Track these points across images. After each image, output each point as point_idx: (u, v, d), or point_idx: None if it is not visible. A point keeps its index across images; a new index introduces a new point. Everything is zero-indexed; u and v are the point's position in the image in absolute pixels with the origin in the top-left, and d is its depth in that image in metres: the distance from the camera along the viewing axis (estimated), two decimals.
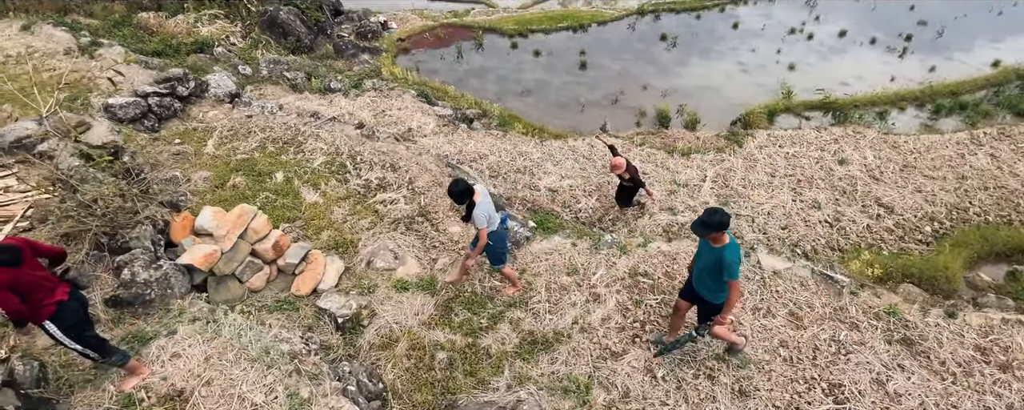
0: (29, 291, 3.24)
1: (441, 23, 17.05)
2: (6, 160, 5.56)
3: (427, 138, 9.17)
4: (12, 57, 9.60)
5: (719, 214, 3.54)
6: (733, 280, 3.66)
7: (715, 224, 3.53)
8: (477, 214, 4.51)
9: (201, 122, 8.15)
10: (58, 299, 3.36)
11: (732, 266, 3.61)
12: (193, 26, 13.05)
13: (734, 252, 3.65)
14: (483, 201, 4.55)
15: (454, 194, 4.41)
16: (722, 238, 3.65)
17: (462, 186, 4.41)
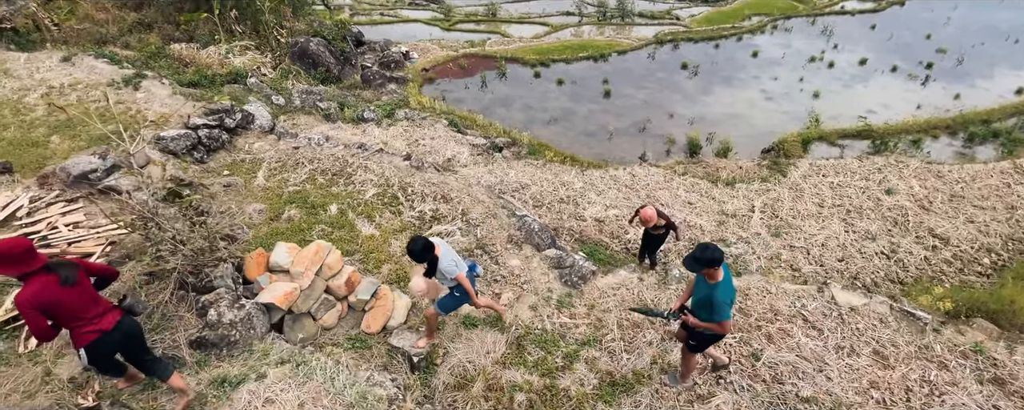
0: (71, 314, 3.19)
1: (463, 53, 17.37)
2: (71, 194, 5.55)
3: (467, 168, 9.21)
4: (55, 88, 9.74)
5: (711, 251, 3.48)
6: (723, 321, 3.62)
7: (706, 260, 3.48)
8: (444, 265, 4.26)
9: (248, 153, 8.19)
10: (101, 328, 3.31)
11: (723, 307, 3.57)
12: (225, 57, 13.28)
13: (727, 292, 3.60)
14: (445, 252, 4.33)
15: (415, 253, 4.06)
16: (716, 274, 3.60)
17: (421, 244, 4.07)
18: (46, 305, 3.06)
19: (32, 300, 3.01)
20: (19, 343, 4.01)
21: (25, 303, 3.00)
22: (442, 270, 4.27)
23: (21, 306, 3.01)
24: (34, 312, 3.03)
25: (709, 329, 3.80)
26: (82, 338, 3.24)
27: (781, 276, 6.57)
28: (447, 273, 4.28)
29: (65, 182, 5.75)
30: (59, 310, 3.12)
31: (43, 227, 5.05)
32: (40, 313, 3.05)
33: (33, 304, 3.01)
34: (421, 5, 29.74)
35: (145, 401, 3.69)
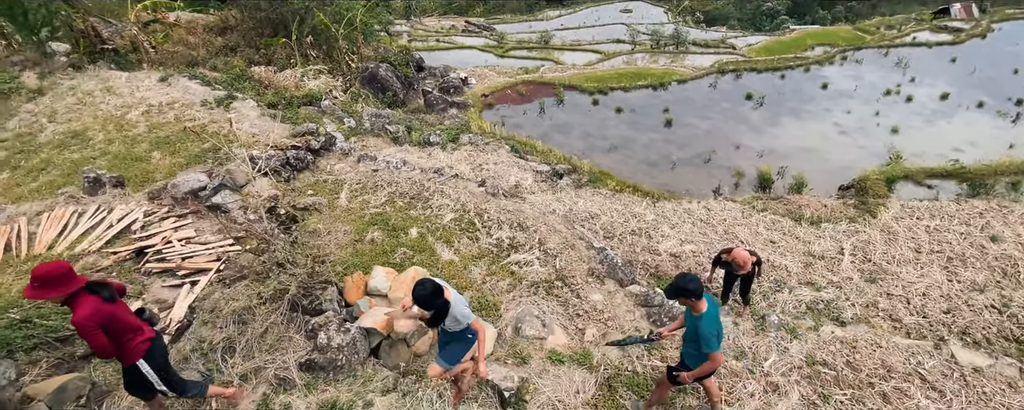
0: (123, 327, 3.26)
1: (521, 79, 17.69)
2: (180, 210, 5.88)
3: (535, 195, 9.22)
4: (155, 106, 10.48)
5: (691, 282, 3.51)
6: (712, 352, 3.61)
7: (682, 290, 3.50)
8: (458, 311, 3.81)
9: (330, 174, 8.50)
10: (148, 336, 3.40)
11: (709, 338, 3.57)
12: (301, 80, 14.00)
13: (711, 323, 3.59)
14: (455, 297, 3.89)
15: (423, 299, 3.58)
16: (699, 306, 3.61)
17: (432, 287, 3.62)
18: (104, 321, 3.14)
19: (93, 317, 3.08)
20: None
21: (86, 320, 3.06)
22: (456, 316, 3.79)
23: (83, 324, 3.05)
24: (96, 329, 3.09)
25: (707, 371, 3.78)
26: (137, 349, 3.31)
27: (881, 327, 6.17)
28: (463, 319, 3.84)
29: (175, 198, 6.10)
30: (114, 325, 3.20)
31: (158, 241, 5.35)
32: (100, 330, 3.12)
33: (94, 321, 3.08)
34: (474, 32, 30.69)
35: None
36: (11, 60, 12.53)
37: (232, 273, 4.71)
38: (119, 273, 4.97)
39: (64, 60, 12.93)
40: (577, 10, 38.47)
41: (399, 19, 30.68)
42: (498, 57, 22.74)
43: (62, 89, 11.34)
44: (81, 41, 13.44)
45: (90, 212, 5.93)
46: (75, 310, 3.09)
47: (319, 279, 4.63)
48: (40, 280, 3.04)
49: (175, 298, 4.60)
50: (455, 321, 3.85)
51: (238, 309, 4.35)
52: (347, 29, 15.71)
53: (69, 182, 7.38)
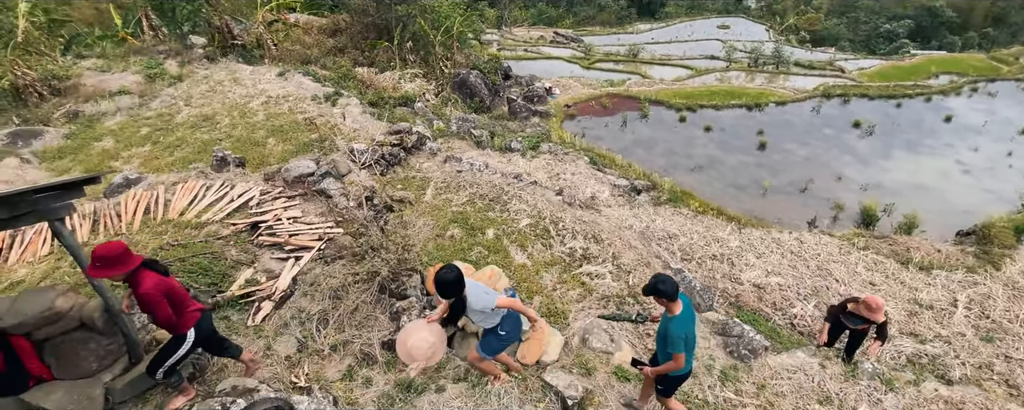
0: (181, 299, 3.43)
1: (606, 92, 17.61)
2: (290, 192, 6.52)
3: (611, 209, 9.14)
4: (272, 98, 11.69)
5: (664, 283, 3.54)
6: (675, 353, 3.65)
7: (654, 290, 3.56)
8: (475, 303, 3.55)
9: (418, 172, 9.02)
10: (199, 307, 3.56)
11: (675, 340, 3.63)
12: (398, 82, 14.95)
13: (679, 326, 3.64)
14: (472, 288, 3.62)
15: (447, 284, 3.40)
16: (673, 308, 3.66)
17: (457, 274, 3.43)
18: (166, 292, 3.32)
19: (157, 287, 3.26)
20: (248, 317, 4.73)
21: (153, 291, 3.23)
22: (477, 310, 3.58)
23: (151, 295, 3.21)
24: (162, 299, 3.27)
25: (668, 370, 3.81)
26: (190, 318, 3.49)
27: (995, 392, 5.43)
28: (485, 308, 3.57)
29: (286, 181, 6.78)
30: (173, 296, 3.38)
31: (270, 217, 5.99)
32: (165, 300, 3.30)
33: (159, 291, 3.26)
34: (562, 43, 30.97)
35: (345, 390, 4.10)
36: (158, 49, 14.58)
37: (332, 253, 5.17)
38: (236, 243, 5.63)
39: (201, 52, 14.83)
40: (670, 24, 37.60)
41: (490, 28, 31.71)
42: (584, 69, 22.79)
43: (197, 77, 12.99)
44: (216, 36, 15.31)
45: (215, 186, 6.76)
46: (139, 284, 3.26)
47: (406, 267, 4.96)
48: (101, 260, 3.16)
49: (281, 270, 5.14)
50: (480, 314, 3.66)
51: (334, 286, 4.77)
52: (444, 36, 16.55)
53: (199, 159, 8.46)
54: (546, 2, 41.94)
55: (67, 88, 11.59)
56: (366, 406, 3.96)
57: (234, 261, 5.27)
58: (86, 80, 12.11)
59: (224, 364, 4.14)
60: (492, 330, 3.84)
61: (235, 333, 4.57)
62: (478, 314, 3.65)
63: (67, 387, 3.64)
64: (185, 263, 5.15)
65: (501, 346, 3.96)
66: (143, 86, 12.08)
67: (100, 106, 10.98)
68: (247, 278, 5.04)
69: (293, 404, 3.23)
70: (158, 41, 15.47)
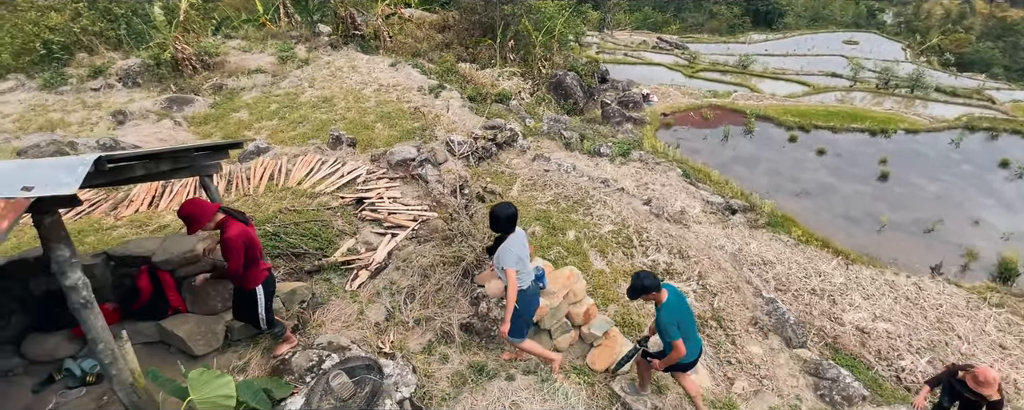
0: (255, 257, 3.53)
1: (708, 103, 16.76)
2: (392, 174, 6.99)
3: (701, 226, 8.72)
4: (383, 86, 12.56)
5: (642, 278, 3.65)
6: (673, 341, 3.69)
7: (641, 288, 3.67)
8: (504, 250, 3.63)
9: (507, 167, 9.24)
10: (268, 267, 3.66)
11: (668, 328, 3.67)
12: (496, 79, 15.36)
13: (669, 313, 3.71)
14: (518, 240, 3.74)
15: (500, 218, 3.63)
16: (659, 298, 3.75)
17: (512, 211, 3.71)
18: (247, 242, 3.47)
19: (241, 236, 3.42)
20: (347, 282, 5.17)
21: (237, 238, 3.40)
22: (500, 255, 3.69)
23: (234, 242, 3.39)
24: (242, 249, 3.43)
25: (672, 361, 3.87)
26: (259, 275, 3.63)
27: None
28: (501, 261, 3.67)
29: (389, 163, 7.28)
30: (252, 250, 3.53)
31: (374, 195, 6.48)
32: (244, 251, 3.46)
33: (242, 240, 3.42)
34: (665, 49, 29.89)
35: (424, 362, 4.35)
36: (290, 35, 16.24)
37: (424, 233, 5.49)
38: (342, 214, 6.17)
39: (326, 39, 16.28)
40: (787, 36, 34.82)
41: (591, 31, 31.44)
42: (686, 77, 21.87)
43: (321, 62, 14.28)
44: (340, 26, 16.71)
45: (329, 162, 7.43)
46: (226, 230, 3.46)
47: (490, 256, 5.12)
48: (186, 219, 3.36)
49: (379, 244, 5.55)
50: (497, 259, 3.74)
51: (424, 264, 5.07)
52: (545, 37, 16.72)
53: (317, 136, 9.34)
54: (653, 7, 40.70)
55: (215, 64, 13.32)
56: (440, 381, 4.17)
57: (339, 230, 5.78)
58: (230, 58, 13.85)
59: (322, 320, 4.58)
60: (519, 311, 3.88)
61: (334, 294, 5.02)
62: (498, 259, 3.75)
63: (197, 320, 4.24)
64: (298, 227, 5.74)
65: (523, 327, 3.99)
66: (276, 67, 13.55)
67: (240, 82, 12.50)
68: (349, 247, 5.51)
69: (381, 366, 3.48)
70: (291, 27, 17.25)
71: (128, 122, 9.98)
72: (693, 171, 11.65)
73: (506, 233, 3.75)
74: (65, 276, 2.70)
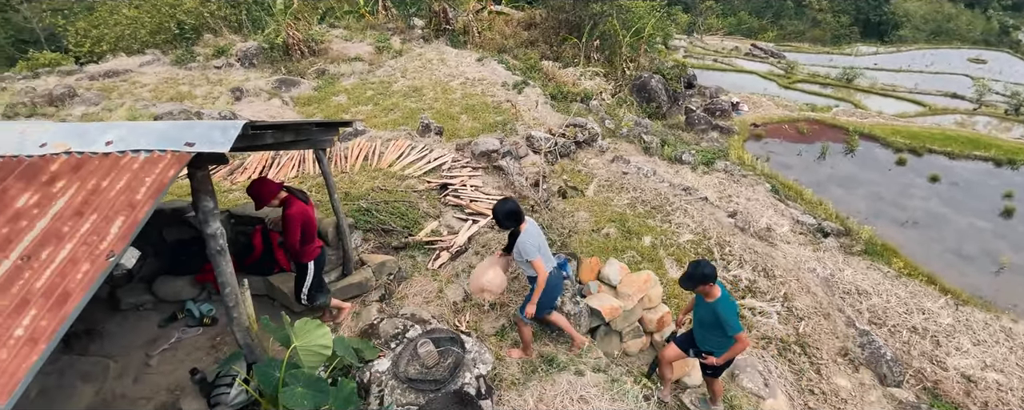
0: (311, 234, 3.81)
1: (805, 117, 15.65)
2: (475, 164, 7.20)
3: (789, 246, 8.18)
4: (469, 80, 12.93)
5: (703, 266, 3.57)
6: (738, 333, 3.64)
7: (699, 277, 3.56)
8: (523, 243, 3.67)
9: (584, 166, 9.19)
10: (320, 245, 3.93)
11: (731, 319, 3.62)
12: (578, 78, 15.29)
13: (730, 307, 3.66)
14: (532, 230, 3.79)
15: (502, 214, 3.68)
16: (713, 292, 3.67)
17: (511, 207, 3.72)
18: (305, 220, 3.79)
19: (301, 214, 3.78)
20: (429, 261, 5.41)
21: (296, 216, 3.77)
22: (520, 247, 3.74)
23: (293, 218, 3.72)
24: (299, 226, 3.75)
25: (736, 354, 3.81)
26: (313, 252, 3.94)
27: None
28: (524, 253, 3.72)
29: (473, 153, 7.50)
30: (308, 227, 3.84)
31: (457, 182, 6.72)
32: (301, 228, 3.76)
33: (301, 218, 3.77)
34: (759, 57, 28.20)
35: (496, 346, 4.47)
36: (387, 26, 17.13)
37: None
38: (427, 197, 6.46)
39: (419, 32, 17.01)
40: (901, 50, 31.60)
41: (680, 34, 30.33)
42: (781, 87, 20.54)
43: (413, 54, 14.96)
44: (433, 20, 17.39)
45: (418, 148, 7.79)
46: (289, 207, 3.82)
47: (566, 251, 5.15)
48: (254, 196, 3.74)
49: (460, 228, 5.77)
50: (519, 254, 3.81)
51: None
52: (633, 38, 16.38)
53: (407, 123, 9.82)
54: (749, 12, 38.51)
55: (319, 50, 14.37)
56: (511, 365, 4.27)
57: (424, 212, 6.07)
58: (333, 46, 14.87)
59: (406, 294, 4.84)
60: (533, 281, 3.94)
61: (417, 271, 5.29)
62: (519, 255, 3.82)
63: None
64: (388, 205, 6.10)
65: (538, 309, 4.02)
66: (372, 56, 14.38)
67: (340, 68, 13.40)
68: (432, 229, 5.77)
69: (463, 341, 3.63)
70: (388, 19, 18.20)
71: (243, 98, 11.05)
72: (783, 187, 10.94)
73: (517, 227, 3.84)
74: (208, 224, 3.07)
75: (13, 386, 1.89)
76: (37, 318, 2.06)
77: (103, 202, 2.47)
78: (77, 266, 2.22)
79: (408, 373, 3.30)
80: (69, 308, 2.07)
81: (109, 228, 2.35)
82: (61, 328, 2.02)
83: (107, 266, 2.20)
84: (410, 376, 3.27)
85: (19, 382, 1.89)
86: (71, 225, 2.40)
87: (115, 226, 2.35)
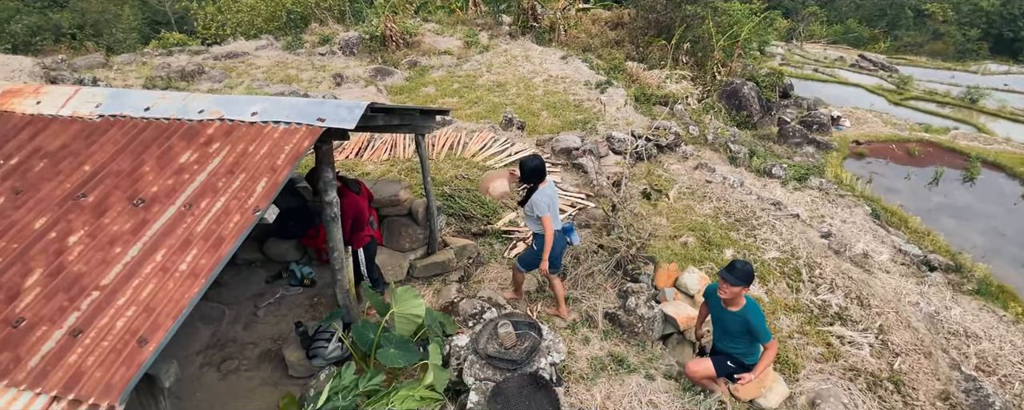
0: (360, 223, 4.03)
1: (918, 138, 14.17)
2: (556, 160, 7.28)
3: (889, 276, 7.50)
4: (552, 77, 13.02)
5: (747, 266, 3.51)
6: (770, 341, 3.60)
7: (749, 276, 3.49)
8: (537, 199, 3.90)
9: (665, 171, 8.97)
10: (369, 233, 4.13)
11: (762, 327, 3.52)
12: (663, 81, 14.86)
13: (759, 314, 3.57)
14: (548, 190, 3.99)
15: (526, 168, 3.93)
16: (740, 300, 3.57)
17: (538, 163, 4.00)
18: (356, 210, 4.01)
19: (351, 206, 3.99)
20: (506, 249, 5.58)
21: (348, 207, 3.96)
22: (533, 202, 3.97)
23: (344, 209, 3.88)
24: (349, 217, 3.96)
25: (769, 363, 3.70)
26: (362, 240, 4.19)
27: None
28: (537, 209, 3.95)
29: (553, 149, 7.59)
30: (359, 217, 4.06)
31: None
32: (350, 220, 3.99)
33: (350, 211, 3.98)
34: (868, 69, 25.82)
35: (566, 339, 4.54)
36: (476, 22, 17.60)
37: (582, 219, 5.67)
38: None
39: (506, 29, 17.33)
40: None
41: (777, 40, 28.46)
42: (891, 103, 18.72)
43: (499, 50, 15.28)
44: (521, 17, 17.64)
45: (500, 140, 8.01)
46: (343, 198, 4.01)
47: (644, 254, 5.10)
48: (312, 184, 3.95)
49: None
50: (531, 208, 4.01)
51: (578, 248, 5.25)
52: (728, 42, 15.65)
53: (490, 116, 10.09)
54: (859, 19, 35.30)
55: (413, 42, 15.09)
56: (580, 359, 4.32)
57: (502, 203, 6.25)
58: (425, 39, 15.55)
59: (482, 278, 5.04)
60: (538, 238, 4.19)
61: (494, 258, 5.49)
62: (531, 209, 4.04)
63: (389, 253, 4.99)
64: (470, 193, 6.35)
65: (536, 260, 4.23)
66: (461, 50, 14.88)
67: (430, 60, 14.01)
68: (510, 219, 5.93)
69: (540, 327, 3.75)
70: (477, 15, 18.71)
71: (343, 84, 11.89)
72: (885, 212, 10.01)
73: (536, 184, 4.06)
74: (326, 193, 3.41)
75: (178, 312, 2.25)
76: (198, 256, 2.42)
77: (250, 164, 2.83)
78: (229, 217, 2.57)
79: (487, 350, 3.46)
80: (223, 251, 2.41)
81: (255, 186, 2.69)
82: (217, 267, 2.36)
83: (254, 219, 2.53)
84: (489, 353, 3.43)
85: (183, 308, 2.24)
86: (224, 181, 2.77)
87: (260, 185, 2.69)
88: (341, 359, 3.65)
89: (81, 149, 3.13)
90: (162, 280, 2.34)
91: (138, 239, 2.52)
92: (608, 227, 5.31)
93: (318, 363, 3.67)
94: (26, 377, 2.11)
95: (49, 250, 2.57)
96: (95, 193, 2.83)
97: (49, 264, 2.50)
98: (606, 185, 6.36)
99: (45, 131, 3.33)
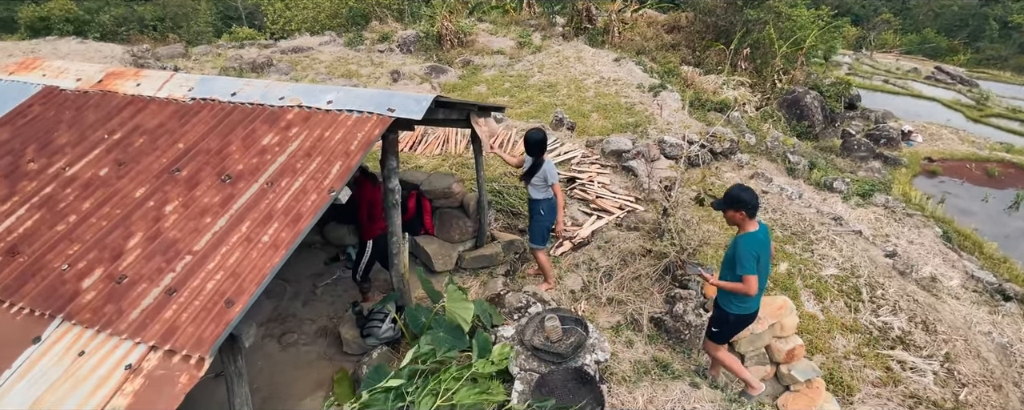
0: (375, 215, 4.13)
1: (998, 158, 13.12)
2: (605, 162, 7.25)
3: (958, 303, 6.99)
4: (604, 79, 12.92)
5: (746, 192, 3.40)
6: (746, 275, 3.38)
7: (735, 200, 3.35)
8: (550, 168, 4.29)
9: (717, 178, 8.72)
10: (382, 226, 4.11)
11: (747, 259, 3.35)
12: (720, 87, 14.43)
13: (751, 244, 3.38)
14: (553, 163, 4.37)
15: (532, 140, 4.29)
16: (748, 225, 3.44)
17: (542, 136, 4.37)
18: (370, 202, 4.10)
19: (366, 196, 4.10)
20: (552, 247, 5.62)
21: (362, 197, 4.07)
22: (547, 171, 4.30)
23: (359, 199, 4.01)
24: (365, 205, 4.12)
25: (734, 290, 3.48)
26: (375, 230, 4.30)
27: None
28: (550, 177, 4.30)
29: (603, 151, 7.55)
30: (373, 208, 4.16)
31: (585, 177, 6.84)
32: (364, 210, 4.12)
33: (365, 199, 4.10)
34: (944, 82, 24.06)
35: (610, 340, 4.53)
36: (529, 23, 17.69)
37: (631, 222, 5.63)
38: None
39: (559, 30, 17.33)
40: None
41: (845, 49, 27.00)
42: (969, 119, 17.40)
43: (551, 51, 15.29)
44: (575, 18, 17.59)
45: (550, 140, 8.03)
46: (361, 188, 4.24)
47: (694, 260, 5.01)
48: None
49: (585, 221, 5.89)
50: (543, 177, 4.32)
51: (625, 250, 5.23)
52: (791, 48, 15.03)
53: (540, 116, 10.15)
54: (937, 30, 32.93)
55: (467, 42, 15.36)
56: (623, 362, 4.30)
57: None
58: (479, 38, 15.79)
59: (527, 273, 5.10)
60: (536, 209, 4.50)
61: None
62: (540, 178, 4.34)
63: (439, 243, 5.15)
64: (517, 189, 6.42)
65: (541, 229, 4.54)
66: (513, 50, 15.02)
67: (483, 60, 14.22)
68: None
69: (587, 324, 3.77)
70: (531, 16, 18.81)
71: (400, 81, 12.28)
72: (958, 235, 9.34)
73: (541, 157, 4.38)
74: (389, 180, 3.57)
75: (260, 279, 2.44)
76: (278, 230, 2.62)
77: (326, 148, 3.02)
78: (307, 195, 2.76)
79: (533, 342, 3.52)
80: (301, 226, 2.60)
81: (330, 169, 2.87)
82: (295, 241, 2.55)
83: (329, 199, 2.71)
84: (535, 345, 3.49)
85: (265, 276, 2.43)
86: (302, 163, 2.97)
87: (335, 168, 2.87)
88: (393, 339, 3.81)
89: (175, 128, 3.44)
90: (247, 249, 2.54)
91: (226, 211, 2.75)
92: (658, 231, 5.24)
93: (371, 342, 3.84)
94: (127, 327, 2.36)
95: (148, 217, 2.84)
96: (188, 168, 3.10)
97: (148, 229, 2.77)
98: (657, 189, 6.28)
99: (144, 111, 3.67)
